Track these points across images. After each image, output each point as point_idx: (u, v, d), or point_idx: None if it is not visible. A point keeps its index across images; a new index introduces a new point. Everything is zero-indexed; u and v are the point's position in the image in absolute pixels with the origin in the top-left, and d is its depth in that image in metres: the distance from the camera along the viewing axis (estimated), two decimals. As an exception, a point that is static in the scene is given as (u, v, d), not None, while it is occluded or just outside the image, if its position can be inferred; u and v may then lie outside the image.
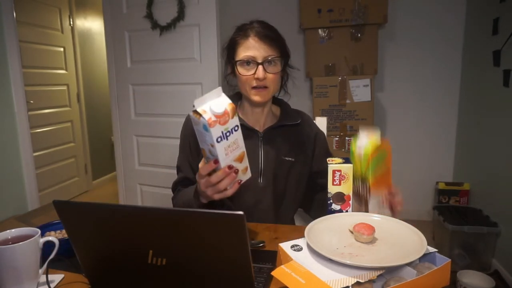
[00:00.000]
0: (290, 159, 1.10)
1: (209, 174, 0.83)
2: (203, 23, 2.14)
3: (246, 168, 0.85)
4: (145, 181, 2.52)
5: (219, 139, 0.76)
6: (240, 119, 1.02)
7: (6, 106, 1.99)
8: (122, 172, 2.60)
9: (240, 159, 0.82)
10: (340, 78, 2.53)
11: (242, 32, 1.04)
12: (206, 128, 0.75)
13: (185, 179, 1.13)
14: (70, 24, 3.53)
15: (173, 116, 2.33)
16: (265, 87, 1.04)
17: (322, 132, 1.21)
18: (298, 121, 1.13)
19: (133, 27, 2.34)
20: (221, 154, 0.78)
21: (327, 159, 0.89)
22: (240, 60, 1.03)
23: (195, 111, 0.75)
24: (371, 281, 0.62)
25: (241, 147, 0.82)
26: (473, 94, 2.53)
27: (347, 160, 0.88)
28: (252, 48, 1.01)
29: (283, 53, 1.06)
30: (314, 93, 2.59)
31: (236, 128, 0.79)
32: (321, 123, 1.35)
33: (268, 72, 1.02)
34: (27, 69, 2.90)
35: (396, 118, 2.86)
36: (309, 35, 2.61)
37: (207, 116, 0.74)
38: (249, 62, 1.02)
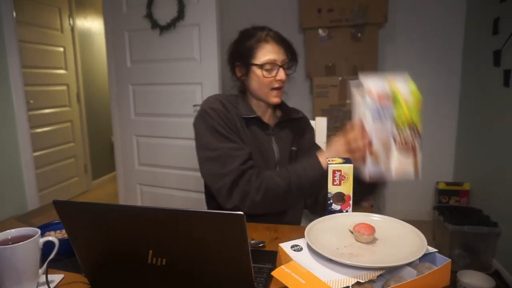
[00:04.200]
0: (294, 148, 1.20)
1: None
2: (203, 23, 2.14)
3: (381, 160, 0.86)
4: (145, 181, 2.52)
5: (374, 114, 0.83)
6: (256, 115, 1.14)
7: (6, 106, 1.99)
8: (122, 172, 2.60)
9: (384, 144, 0.85)
10: (340, 78, 2.53)
11: (257, 37, 1.09)
12: (364, 98, 0.82)
13: (250, 155, 1.06)
14: (70, 24, 3.53)
15: (173, 116, 2.33)
16: (281, 87, 1.12)
17: (311, 126, 1.33)
18: (301, 115, 1.25)
19: (133, 27, 2.34)
20: (368, 126, 0.84)
21: (327, 159, 0.89)
22: (262, 63, 1.08)
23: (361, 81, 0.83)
24: (371, 281, 0.62)
25: (388, 133, 0.85)
26: (473, 94, 2.53)
27: (347, 160, 0.88)
28: (272, 52, 1.08)
29: (293, 57, 1.14)
30: (314, 93, 2.59)
31: (389, 111, 0.84)
32: (321, 123, 1.35)
33: (285, 74, 1.10)
34: (27, 69, 2.90)
35: (396, 118, 2.86)
36: (309, 35, 2.61)
37: (367, 85, 0.82)
38: (271, 65, 1.08)
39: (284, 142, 1.18)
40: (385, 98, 0.82)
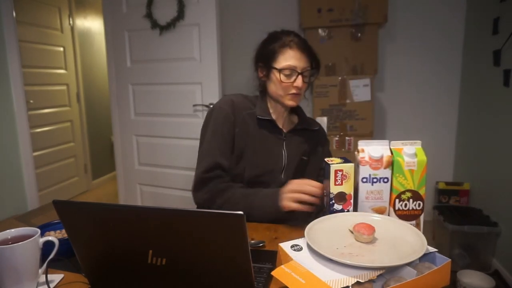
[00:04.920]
0: (305, 158, 1.22)
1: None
2: (203, 23, 2.14)
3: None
4: (144, 181, 2.52)
5: (364, 180, 0.85)
6: (271, 117, 1.18)
7: (6, 106, 1.99)
8: (122, 172, 2.60)
9: (379, 212, 0.87)
10: (340, 78, 2.53)
11: (282, 41, 1.11)
12: (358, 165, 0.85)
13: (217, 164, 1.10)
14: (69, 24, 3.53)
15: (173, 115, 2.33)
16: (299, 94, 1.14)
17: (327, 139, 1.34)
18: (317, 128, 1.27)
19: (133, 27, 2.33)
20: (361, 194, 0.86)
21: (326, 159, 0.89)
22: (282, 68, 1.10)
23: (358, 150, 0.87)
24: (371, 281, 0.62)
25: (385, 202, 0.86)
26: (473, 94, 2.53)
27: (346, 160, 0.88)
28: (294, 58, 1.10)
29: (316, 66, 1.16)
30: (314, 93, 2.59)
31: (385, 180, 0.85)
32: (321, 123, 1.35)
33: (304, 82, 1.12)
34: (27, 68, 2.90)
35: (396, 118, 2.86)
36: (309, 35, 2.61)
37: (362, 155, 0.85)
38: (290, 71, 1.10)
39: (294, 149, 1.19)
40: (381, 164, 0.84)
